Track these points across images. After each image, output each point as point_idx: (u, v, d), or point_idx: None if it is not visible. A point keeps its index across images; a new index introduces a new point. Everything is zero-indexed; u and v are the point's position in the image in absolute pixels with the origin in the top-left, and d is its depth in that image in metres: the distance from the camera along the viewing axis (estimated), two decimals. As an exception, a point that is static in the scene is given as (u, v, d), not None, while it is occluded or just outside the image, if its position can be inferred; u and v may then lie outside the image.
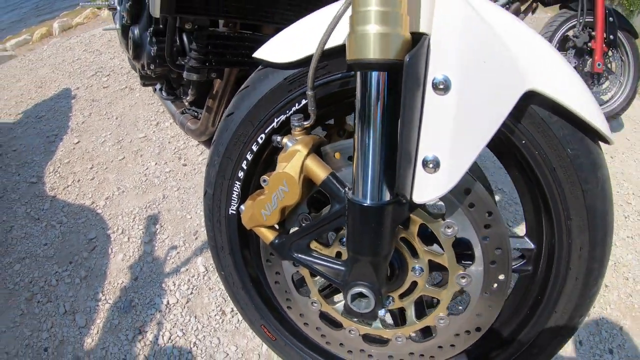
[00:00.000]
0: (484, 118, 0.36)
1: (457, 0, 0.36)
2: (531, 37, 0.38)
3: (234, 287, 0.65)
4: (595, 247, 0.45)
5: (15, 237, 1.12)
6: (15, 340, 0.85)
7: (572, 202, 0.43)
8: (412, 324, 0.52)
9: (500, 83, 0.35)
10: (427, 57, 0.36)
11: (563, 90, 0.38)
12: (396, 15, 0.33)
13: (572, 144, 0.41)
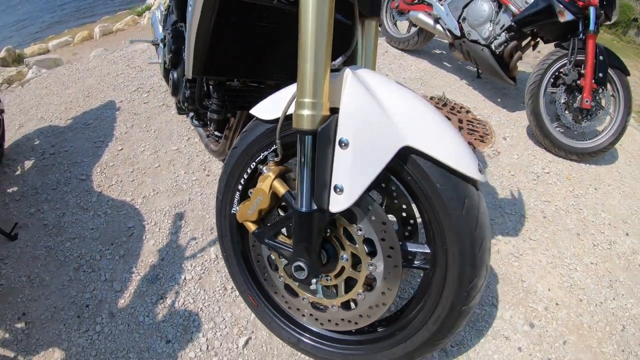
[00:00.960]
0: (370, 165, 0.64)
1: (355, 86, 0.64)
2: (413, 105, 0.64)
3: (231, 265, 0.96)
4: (465, 255, 0.68)
5: (66, 222, 1.48)
6: (63, 298, 1.19)
7: (445, 222, 0.67)
8: (342, 296, 0.82)
9: (382, 142, 0.63)
10: (337, 125, 0.65)
11: (431, 144, 0.62)
12: (319, 103, 0.64)
13: (441, 182, 0.65)
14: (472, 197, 0.67)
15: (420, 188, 0.68)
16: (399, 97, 0.64)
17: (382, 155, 0.63)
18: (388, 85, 0.66)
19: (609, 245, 1.57)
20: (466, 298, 0.71)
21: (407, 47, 2.97)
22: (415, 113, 0.64)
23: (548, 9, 2.00)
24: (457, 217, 0.66)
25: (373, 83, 0.65)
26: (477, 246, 0.67)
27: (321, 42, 0.62)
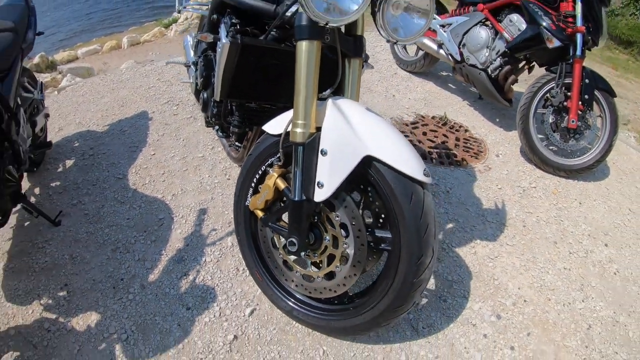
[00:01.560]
0: (342, 168, 0.90)
1: (333, 112, 0.91)
2: (376, 125, 0.90)
3: (243, 246, 1.23)
4: (413, 238, 0.92)
5: (105, 212, 1.78)
6: (100, 273, 1.47)
7: (398, 213, 0.92)
8: (324, 269, 1.08)
9: (351, 152, 0.90)
10: (319, 139, 0.93)
11: (386, 154, 0.88)
12: (308, 124, 0.91)
13: (394, 182, 0.90)
14: (418, 194, 0.92)
15: (380, 187, 0.93)
16: (365, 120, 0.91)
17: (350, 161, 0.91)
18: (359, 111, 0.93)
19: (585, 253, 1.76)
20: (416, 272, 0.95)
21: (415, 69, 3.25)
22: (377, 131, 0.91)
23: (537, 36, 2.23)
24: (407, 209, 0.91)
25: (348, 110, 0.92)
26: (422, 231, 0.92)
27: (309, 80, 0.89)
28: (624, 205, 2.14)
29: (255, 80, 1.19)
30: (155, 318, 1.30)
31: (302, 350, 1.19)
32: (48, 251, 1.59)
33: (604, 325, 1.45)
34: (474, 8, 2.63)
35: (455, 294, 1.44)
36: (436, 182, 2.04)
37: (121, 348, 1.23)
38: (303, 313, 1.18)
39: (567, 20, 2.19)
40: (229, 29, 1.14)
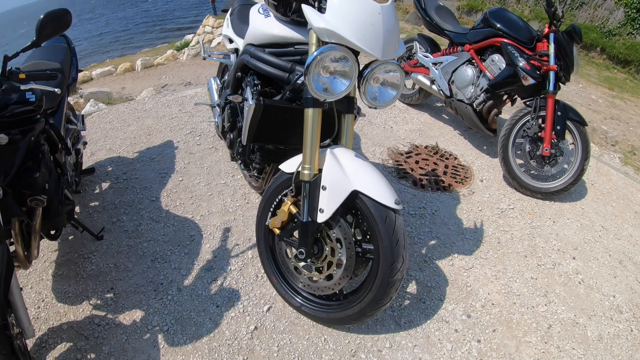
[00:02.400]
0: (336, 199, 1.29)
1: (330, 158, 1.31)
2: (361, 167, 1.30)
3: (262, 257, 1.62)
4: (387, 251, 1.29)
5: (143, 229, 2.19)
6: (142, 279, 1.86)
7: (376, 230, 1.30)
8: (324, 272, 1.46)
9: (342, 188, 1.28)
10: (321, 178, 1.32)
11: (368, 189, 1.26)
12: (312, 167, 1.31)
13: (373, 209, 1.29)
14: (391, 217, 1.31)
15: (364, 212, 1.33)
16: (354, 164, 1.31)
17: (342, 194, 1.30)
18: (349, 157, 1.33)
19: (552, 265, 2.09)
20: (390, 274, 1.33)
21: (411, 101, 3.67)
22: (362, 172, 1.31)
23: (514, 75, 2.61)
24: (382, 229, 1.30)
25: (341, 156, 1.32)
26: (394, 244, 1.31)
27: (314, 136, 1.30)
28: (597, 223, 2.48)
29: (273, 129, 1.60)
30: (190, 314, 1.68)
31: (308, 337, 1.57)
32: (94, 261, 1.97)
33: (564, 326, 1.78)
34: (462, 48, 3.04)
35: (433, 297, 1.80)
36: (424, 205, 2.41)
37: (163, 337, 1.60)
38: (309, 307, 1.56)
39: (542, 59, 2.57)
40: (253, 89, 1.56)
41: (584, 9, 8.44)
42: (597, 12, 8.31)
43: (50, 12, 1.40)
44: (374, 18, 1.20)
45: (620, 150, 3.98)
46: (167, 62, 10.98)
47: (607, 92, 6.22)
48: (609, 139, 4.20)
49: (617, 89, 6.63)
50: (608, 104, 5.55)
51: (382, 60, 1.26)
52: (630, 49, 7.79)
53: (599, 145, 3.96)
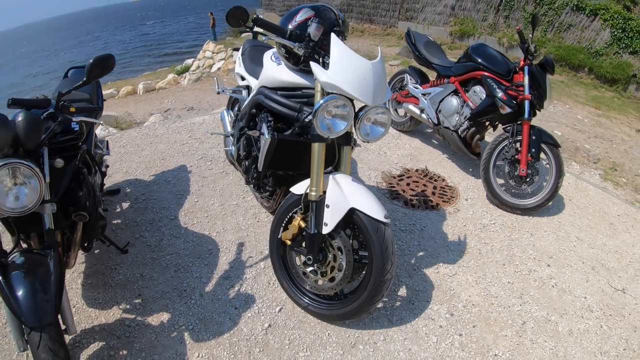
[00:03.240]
0: (337, 215, 1.65)
1: (332, 182, 1.68)
2: (357, 189, 1.67)
3: (275, 265, 1.97)
4: (378, 254, 1.64)
5: (165, 244, 2.52)
6: (167, 287, 2.18)
7: (369, 240, 1.65)
8: (328, 275, 1.80)
9: (341, 206, 1.65)
10: (325, 199, 1.69)
11: (362, 206, 1.63)
12: (318, 189, 1.67)
13: (367, 222, 1.64)
14: (381, 228, 1.65)
15: (360, 225, 1.68)
16: (351, 186, 1.68)
17: (342, 211, 1.66)
18: (347, 182, 1.70)
19: (528, 272, 2.42)
20: (381, 274, 1.67)
21: (403, 128, 4.08)
22: (357, 193, 1.67)
23: (493, 104, 3.01)
24: (375, 238, 1.64)
25: (341, 181, 1.69)
26: (384, 250, 1.65)
27: (320, 165, 1.67)
28: (572, 234, 2.81)
29: (285, 158, 1.97)
30: (212, 315, 2.00)
31: (314, 332, 1.89)
32: (120, 271, 2.29)
33: (537, 322, 2.09)
34: (448, 80, 3.46)
35: (421, 299, 2.13)
36: (413, 222, 2.77)
37: (189, 335, 1.92)
38: (314, 306, 1.89)
39: (518, 89, 2.96)
40: (268, 124, 1.94)
41: (572, 31, 8.98)
42: (585, 34, 8.86)
43: (98, 57, 1.72)
44: (366, 73, 1.59)
45: (601, 167, 4.34)
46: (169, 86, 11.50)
47: (594, 112, 6.60)
48: (591, 157, 4.58)
49: (604, 107, 7.01)
50: (593, 123, 5.94)
51: (373, 105, 1.64)
52: (617, 68, 8.27)
53: (580, 163, 4.33)
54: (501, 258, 2.52)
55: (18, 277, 1.44)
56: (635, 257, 2.67)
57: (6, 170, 1.42)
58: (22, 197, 1.47)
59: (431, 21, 11.35)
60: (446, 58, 3.71)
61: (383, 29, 12.77)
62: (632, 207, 3.36)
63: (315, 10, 1.82)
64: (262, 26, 1.66)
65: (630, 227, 3.01)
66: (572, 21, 8.87)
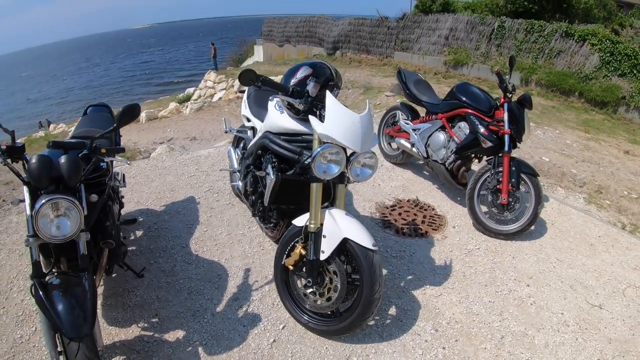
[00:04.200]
0: (332, 244, 2.00)
1: (328, 216, 2.03)
2: (349, 221, 2.03)
3: (279, 288, 2.30)
4: (367, 278, 1.98)
5: (178, 269, 2.84)
6: (182, 307, 2.47)
7: (359, 264, 1.99)
8: (325, 296, 2.13)
9: (336, 236, 2.00)
10: (322, 230, 2.04)
11: (354, 235, 1.98)
12: (317, 222, 2.03)
13: (358, 249, 1.99)
14: (370, 255, 1.99)
15: (352, 252, 2.03)
16: (344, 220, 2.03)
17: (336, 240, 2.01)
18: (341, 216, 2.05)
19: (508, 292, 2.71)
20: (371, 294, 2.00)
21: (396, 161, 4.48)
22: (349, 224, 2.02)
23: (475, 139, 3.38)
24: (364, 263, 1.98)
25: (336, 215, 2.04)
26: (372, 272, 1.98)
27: (318, 202, 2.03)
28: (552, 256, 3.11)
29: (288, 195, 2.32)
30: (223, 332, 2.31)
31: (314, 347, 2.20)
32: (137, 294, 2.59)
33: (514, 336, 2.37)
34: (435, 116, 3.86)
35: (408, 317, 2.44)
36: (404, 249, 3.09)
37: (202, 349, 2.21)
38: (314, 323, 2.21)
39: (499, 124, 3.32)
40: (272, 165, 2.31)
41: (562, 57, 9.53)
42: (574, 59, 9.41)
43: (126, 107, 2.04)
44: (355, 125, 1.97)
45: (587, 190, 4.66)
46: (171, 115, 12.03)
47: (583, 136, 6.94)
48: (577, 181, 4.91)
49: (593, 131, 7.35)
50: (582, 147, 6.28)
51: (361, 152, 2.02)
52: (607, 91, 8.73)
53: (566, 188, 4.67)
54: (484, 280, 2.83)
55: (58, 295, 1.72)
56: (613, 275, 2.96)
57: (51, 205, 1.72)
58: (64, 226, 1.76)
59: (426, 51, 12.00)
60: (435, 96, 4.12)
61: (380, 59, 13.43)
62: (613, 228, 3.69)
63: (313, 68, 2.23)
64: (268, 85, 2.05)
65: (610, 247, 3.31)
66: (561, 47, 9.42)
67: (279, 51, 19.02)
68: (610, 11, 14.25)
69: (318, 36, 16.49)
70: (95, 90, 35.24)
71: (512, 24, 10.18)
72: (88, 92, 35.25)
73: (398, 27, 12.86)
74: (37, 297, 1.70)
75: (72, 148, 1.97)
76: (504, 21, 10.41)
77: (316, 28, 16.67)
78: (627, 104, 8.45)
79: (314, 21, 16.95)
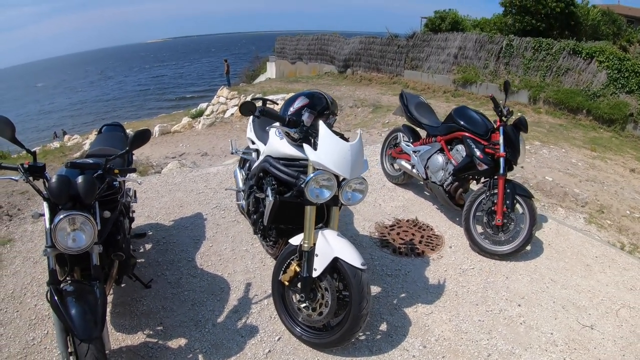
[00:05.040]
0: (323, 262, 2.19)
1: (320, 236, 2.23)
2: (340, 242, 2.23)
3: (276, 302, 2.49)
4: (356, 295, 2.15)
5: (183, 282, 3.05)
6: (185, 317, 2.66)
7: (349, 281, 2.17)
8: (317, 310, 2.31)
9: (327, 255, 2.19)
10: (315, 249, 2.23)
11: (344, 255, 2.17)
12: (310, 242, 2.22)
13: (347, 268, 2.17)
14: (359, 273, 2.17)
15: (342, 271, 2.21)
16: (335, 240, 2.22)
17: (328, 259, 2.19)
18: (333, 236, 2.24)
19: (499, 311, 2.82)
20: (359, 310, 2.17)
21: (398, 181, 4.67)
22: (340, 245, 2.21)
23: (471, 162, 3.54)
24: (353, 281, 2.16)
25: (328, 235, 2.24)
26: (360, 290, 2.15)
27: (311, 223, 2.23)
28: (546, 277, 3.20)
29: (285, 215, 2.52)
30: (222, 341, 2.49)
31: (306, 358, 2.36)
32: (144, 303, 2.80)
33: (501, 354, 2.47)
34: (435, 139, 4.05)
35: (398, 333, 2.59)
36: (399, 268, 3.24)
37: (202, 357, 2.38)
38: (306, 336, 2.38)
39: (495, 147, 3.46)
40: (272, 188, 2.53)
41: (569, 75, 9.62)
42: (582, 77, 9.50)
43: (137, 132, 2.29)
44: (345, 153, 2.18)
45: (588, 210, 4.72)
46: (184, 130, 12.46)
47: (589, 154, 6.96)
48: (579, 201, 4.96)
49: (600, 149, 7.36)
50: (587, 166, 6.30)
51: (351, 178, 2.22)
52: (614, 108, 8.76)
53: (567, 208, 4.73)
54: (475, 299, 2.96)
55: (71, 301, 1.92)
56: (607, 295, 3.00)
57: (68, 220, 1.94)
58: (79, 239, 1.97)
59: (435, 69, 12.24)
60: (435, 118, 4.30)
61: (389, 78, 13.72)
62: (611, 248, 3.74)
63: (310, 98, 2.46)
64: (267, 115, 2.28)
65: (607, 267, 3.38)
66: (569, 65, 9.52)
67: (291, 68, 19.52)
68: (620, 27, 14.34)
69: (329, 54, 16.90)
70: (108, 104, 36.38)
71: (520, 42, 10.36)
72: (101, 105, 36.29)
73: (408, 45, 13.17)
74: (53, 302, 1.91)
75: (88, 168, 2.21)
76: (512, 39, 10.59)
77: (328, 46, 17.11)
78: (635, 121, 8.48)
79: (325, 39, 17.40)
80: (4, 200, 4.37)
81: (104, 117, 29.94)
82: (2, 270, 3.15)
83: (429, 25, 13.52)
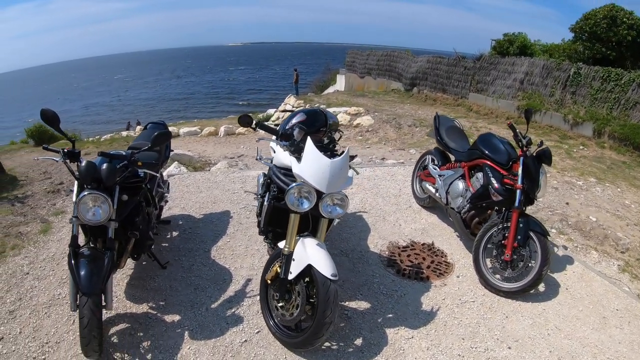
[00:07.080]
0: (299, 267, 2.36)
1: (300, 244, 2.41)
2: (317, 250, 2.38)
3: (261, 299, 2.71)
4: (322, 302, 2.28)
5: (194, 268, 3.35)
6: (185, 298, 2.96)
7: (318, 289, 2.31)
8: (290, 310, 2.48)
9: (302, 261, 2.35)
10: (293, 254, 2.41)
11: (317, 263, 2.32)
12: (290, 247, 2.42)
13: (318, 276, 2.31)
14: (327, 283, 2.29)
15: (313, 278, 2.35)
16: (312, 248, 2.38)
17: (302, 265, 2.35)
18: (312, 244, 2.40)
19: (484, 350, 2.68)
20: (322, 317, 2.29)
21: (424, 204, 4.67)
22: (316, 253, 2.36)
23: (486, 192, 3.45)
24: (321, 288, 2.29)
25: (307, 243, 2.40)
26: (327, 297, 2.28)
27: (294, 228, 2.43)
28: (551, 323, 2.91)
29: (278, 220, 2.72)
30: (209, 324, 2.75)
31: (275, 354, 2.52)
32: (156, 280, 3.18)
33: None
34: (459, 164, 4.02)
35: (371, 351, 2.59)
36: (396, 289, 3.26)
37: (188, 333, 2.67)
38: (278, 333, 2.56)
39: (514, 178, 3.31)
40: (272, 194, 2.76)
41: (638, 109, 8.67)
42: (652, 112, 8.46)
43: (159, 133, 2.64)
44: (325, 169, 2.34)
45: (627, 257, 4.22)
46: (247, 132, 13.10)
47: None
48: (619, 246, 4.46)
49: None
50: None
51: (327, 193, 2.38)
52: None
53: (602, 252, 4.27)
54: (464, 333, 2.84)
55: (83, 262, 2.31)
56: (616, 354, 2.68)
57: (90, 197, 2.33)
58: (97, 214, 2.35)
59: (500, 94, 11.74)
60: (465, 144, 4.17)
61: (454, 99, 13.40)
62: (638, 303, 3.32)
63: (307, 115, 2.67)
64: (262, 128, 2.54)
65: (626, 323, 3.01)
66: (638, 98, 8.62)
67: (359, 82, 19.78)
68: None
69: (397, 71, 16.90)
70: (180, 102, 39.47)
71: (588, 71, 9.57)
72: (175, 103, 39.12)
73: (474, 67, 12.76)
74: (69, 261, 2.31)
75: (115, 158, 2.60)
76: (580, 67, 9.81)
77: (396, 63, 17.12)
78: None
79: (394, 56, 17.43)
80: (67, 177, 5.09)
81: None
82: (50, 236, 3.74)
83: (497, 48, 12.97)
